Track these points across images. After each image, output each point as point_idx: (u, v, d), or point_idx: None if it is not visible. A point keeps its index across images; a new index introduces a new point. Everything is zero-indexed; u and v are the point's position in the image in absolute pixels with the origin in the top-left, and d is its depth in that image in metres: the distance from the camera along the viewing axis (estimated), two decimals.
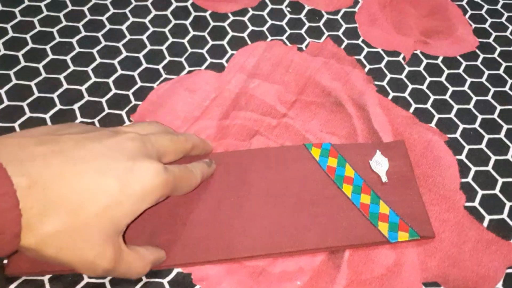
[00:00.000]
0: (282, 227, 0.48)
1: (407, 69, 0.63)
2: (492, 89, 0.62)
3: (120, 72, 0.59)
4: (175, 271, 0.46)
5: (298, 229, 0.48)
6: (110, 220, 0.37)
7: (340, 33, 0.66)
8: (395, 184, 0.52)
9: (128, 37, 0.62)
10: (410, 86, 0.61)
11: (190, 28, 0.64)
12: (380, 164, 0.53)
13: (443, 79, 0.62)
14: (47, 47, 0.60)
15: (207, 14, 0.66)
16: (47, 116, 0.54)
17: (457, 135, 0.57)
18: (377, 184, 0.52)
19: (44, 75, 0.57)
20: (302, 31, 0.66)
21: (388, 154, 0.54)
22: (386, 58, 0.64)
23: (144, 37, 0.62)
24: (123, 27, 0.63)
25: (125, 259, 0.40)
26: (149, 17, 0.65)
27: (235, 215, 0.48)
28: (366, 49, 0.64)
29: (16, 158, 0.34)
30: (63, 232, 0.35)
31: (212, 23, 0.65)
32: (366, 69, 0.62)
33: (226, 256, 0.46)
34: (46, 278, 0.45)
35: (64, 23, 0.63)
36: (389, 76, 0.62)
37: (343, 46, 0.64)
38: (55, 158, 0.35)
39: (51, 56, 0.59)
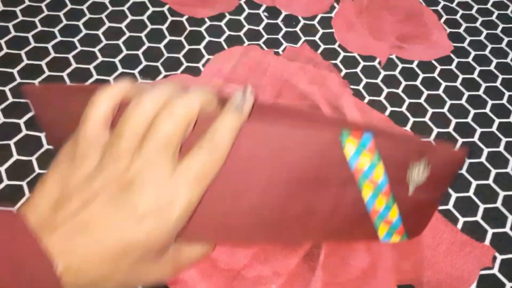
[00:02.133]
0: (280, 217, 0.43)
1: (383, 73, 0.63)
2: (466, 93, 0.62)
3: (96, 77, 0.58)
4: None
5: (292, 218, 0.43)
6: (147, 260, 0.38)
7: (316, 38, 0.66)
8: (420, 193, 0.44)
9: (104, 42, 0.62)
10: (386, 90, 0.61)
11: (166, 33, 0.64)
12: (418, 176, 0.43)
13: (418, 83, 0.63)
14: (22, 52, 0.60)
15: (183, 19, 0.66)
16: (21, 122, 0.54)
17: (431, 139, 0.57)
18: (401, 189, 0.44)
19: (18, 80, 0.57)
20: (279, 36, 0.66)
21: (437, 161, 0.43)
22: (362, 63, 0.64)
23: (120, 42, 0.62)
24: (99, 32, 0.63)
25: (184, 259, 0.42)
26: (125, 22, 0.65)
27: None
28: (342, 54, 0.65)
29: (45, 243, 0.35)
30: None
31: (189, 28, 0.65)
32: (342, 73, 0.63)
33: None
34: None
35: (40, 28, 0.63)
36: (365, 80, 0.62)
37: (319, 51, 0.65)
38: (78, 242, 0.36)
39: (26, 61, 0.59)
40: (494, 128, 0.59)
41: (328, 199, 0.44)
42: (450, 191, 0.53)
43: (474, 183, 0.55)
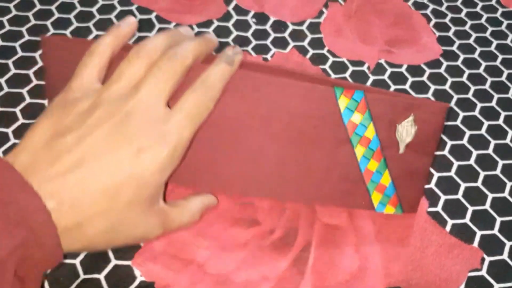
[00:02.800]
0: (276, 171, 0.47)
1: (372, 78, 0.63)
2: (455, 96, 0.62)
3: None
4: (138, 280, 0.46)
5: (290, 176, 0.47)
6: (139, 201, 0.39)
7: (305, 43, 0.67)
8: (410, 154, 0.47)
9: None
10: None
11: None
12: (406, 132, 0.47)
13: (407, 86, 0.63)
14: (10, 62, 0.60)
15: (171, 26, 0.66)
16: (9, 131, 0.54)
17: None
18: (392, 151, 0.47)
19: (6, 89, 0.58)
20: (268, 42, 0.66)
21: (422, 116, 0.46)
22: (351, 68, 0.64)
23: None
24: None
25: (172, 219, 0.44)
26: None
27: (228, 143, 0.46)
28: (331, 59, 0.65)
29: (38, 180, 0.36)
30: (104, 232, 0.38)
31: None
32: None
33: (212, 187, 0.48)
34: None
35: (27, 37, 0.63)
36: None
37: (308, 56, 0.65)
38: (73, 178, 0.37)
39: (13, 71, 0.59)
40: (483, 131, 0.59)
41: (323, 157, 0.46)
42: (439, 193, 0.54)
43: (463, 186, 0.55)
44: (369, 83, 0.63)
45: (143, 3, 0.69)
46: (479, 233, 0.51)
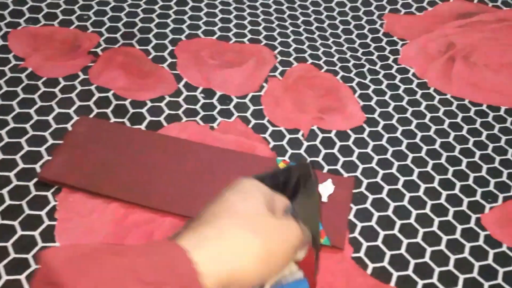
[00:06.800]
0: None
1: (306, 144, 0.72)
2: (376, 157, 0.71)
3: (45, 158, 0.66)
4: None
5: None
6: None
7: (248, 114, 0.75)
8: (331, 206, 0.64)
9: (54, 126, 0.70)
10: (308, 159, 0.70)
11: (111, 115, 0.72)
12: (326, 188, 0.65)
13: (335, 150, 0.72)
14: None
15: (127, 102, 0.74)
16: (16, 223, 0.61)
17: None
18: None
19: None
20: (214, 113, 0.75)
21: (336, 183, 0.66)
22: (288, 136, 0.73)
23: (68, 125, 0.70)
24: (49, 118, 0.71)
25: None
26: (73, 108, 0.73)
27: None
28: (271, 128, 0.74)
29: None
30: None
31: (131, 110, 0.73)
32: (271, 145, 0.71)
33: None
34: None
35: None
36: (290, 151, 0.71)
37: (250, 125, 0.74)
38: None
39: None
40: (399, 185, 0.68)
41: None
42: (362, 240, 0.62)
43: (382, 233, 0.63)
44: (303, 149, 0.71)
45: (101, 83, 0.77)
46: (395, 274, 0.59)
